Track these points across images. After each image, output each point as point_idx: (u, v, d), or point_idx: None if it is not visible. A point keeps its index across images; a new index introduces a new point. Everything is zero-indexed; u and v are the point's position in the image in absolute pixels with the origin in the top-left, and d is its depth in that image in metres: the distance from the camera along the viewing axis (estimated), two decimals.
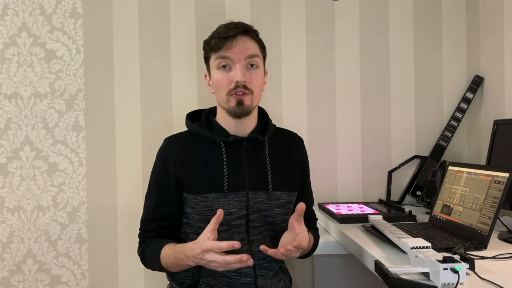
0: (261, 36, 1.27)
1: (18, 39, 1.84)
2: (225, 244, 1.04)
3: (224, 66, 1.21)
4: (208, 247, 1.05)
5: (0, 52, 1.83)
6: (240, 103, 1.20)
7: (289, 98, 1.96)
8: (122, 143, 1.88)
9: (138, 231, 1.31)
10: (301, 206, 1.12)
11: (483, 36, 1.95)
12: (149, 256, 1.24)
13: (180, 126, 1.86)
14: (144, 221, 1.30)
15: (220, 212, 1.08)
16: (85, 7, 1.87)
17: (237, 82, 1.19)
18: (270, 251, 1.08)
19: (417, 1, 2.01)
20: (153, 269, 1.27)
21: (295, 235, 1.12)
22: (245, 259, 1.03)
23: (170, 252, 1.18)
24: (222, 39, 1.21)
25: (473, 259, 0.97)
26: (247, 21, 1.25)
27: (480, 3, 1.97)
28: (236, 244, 1.03)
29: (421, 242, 1.03)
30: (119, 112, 1.89)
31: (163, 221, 1.27)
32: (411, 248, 1.01)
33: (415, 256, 0.98)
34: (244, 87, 1.19)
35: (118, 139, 1.88)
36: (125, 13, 1.89)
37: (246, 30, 1.22)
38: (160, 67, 1.90)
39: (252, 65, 1.22)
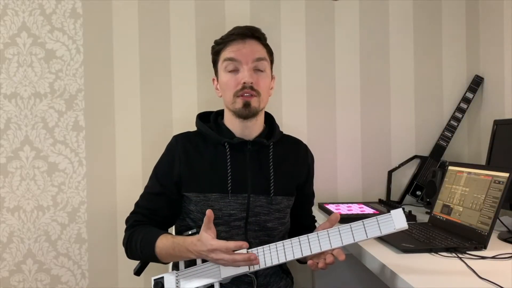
0: None
1: (18, 39, 1.84)
2: (233, 245, 1.02)
3: (232, 69, 1.23)
4: (215, 247, 1.02)
5: (0, 52, 1.83)
6: (247, 104, 1.21)
7: (289, 98, 1.96)
8: (122, 143, 1.88)
9: (128, 216, 1.28)
10: (336, 216, 1.11)
11: (483, 36, 1.95)
12: (141, 242, 1.19)
13: (180, 126, 1.87)
14: (138, 205, 1.29)
15: (209, 213, 1.05)
16: (85, 7, 1.87)
17: (244, 83, 1.20)
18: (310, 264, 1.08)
19: (417, 1, 2.00)
20: (139, 257, 1.23)
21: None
22: (253, 258, 1.01)
23: (167, 243, 1.14)
24: (231, 40, 1.23)
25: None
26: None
27: (480, 3, 1.96)
28: (244, 245, 1.02)
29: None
30: (119, 112, 1.88)
31: (157, 211, 1.26)
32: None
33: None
34: (251, 88, 1.21)
35: (118, 139, 1.88)
36: (125, 13, 1.88)
37: (255, 34, 1.24)
38: (160, 67, 1.90)
39: (259, 70, 1.24)
